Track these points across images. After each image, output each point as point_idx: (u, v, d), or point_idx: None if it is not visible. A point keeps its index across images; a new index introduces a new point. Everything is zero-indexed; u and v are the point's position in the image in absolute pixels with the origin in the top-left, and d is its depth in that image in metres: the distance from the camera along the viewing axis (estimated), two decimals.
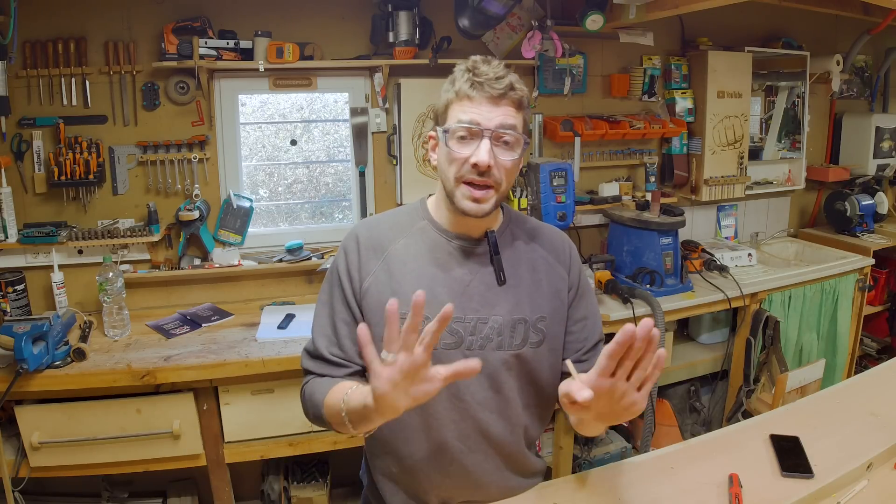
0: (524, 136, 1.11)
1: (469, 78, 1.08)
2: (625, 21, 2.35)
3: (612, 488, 1.17)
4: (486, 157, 1.05)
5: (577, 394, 0.86)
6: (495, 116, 1.07)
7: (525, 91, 1.11)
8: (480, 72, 1.07)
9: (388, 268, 1.16)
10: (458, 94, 1.09)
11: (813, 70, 3.12)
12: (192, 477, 2.39)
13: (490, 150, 1.06)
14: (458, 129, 1.08)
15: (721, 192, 2.95)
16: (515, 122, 1.09)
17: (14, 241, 2.16)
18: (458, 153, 1.08)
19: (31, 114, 2.19)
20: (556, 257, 1.23)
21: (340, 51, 2.45)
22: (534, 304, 1.17)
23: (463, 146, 1.08)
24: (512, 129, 1.08)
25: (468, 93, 1.07)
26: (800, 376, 2.37)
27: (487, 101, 1.07)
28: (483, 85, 1.06)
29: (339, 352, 1.17)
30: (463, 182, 1.09)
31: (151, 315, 2.31)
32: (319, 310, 1.22)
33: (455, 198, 1.10)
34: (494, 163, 1.07)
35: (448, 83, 1.12)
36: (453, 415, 1.15)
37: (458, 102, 1.09)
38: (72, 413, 1.88)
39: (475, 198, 1.08)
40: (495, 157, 1.07)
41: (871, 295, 3.13)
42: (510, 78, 1.08)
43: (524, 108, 1.12)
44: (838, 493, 1.14)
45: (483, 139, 1.06)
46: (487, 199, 1.09)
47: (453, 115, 1.09)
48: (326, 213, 2.74)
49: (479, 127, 1.06)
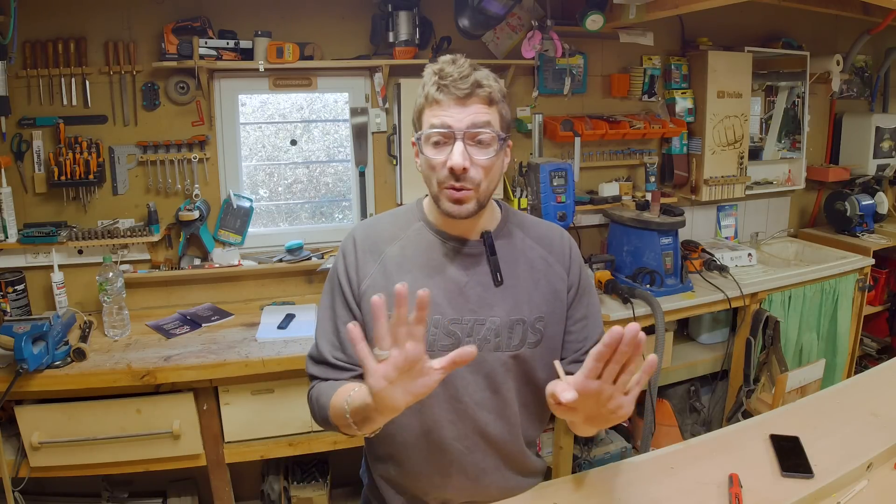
0: (500, 132, 1.09)
1: (435, 81, 1.07)
2: (625, 21, 2.35)
3: (611, 488, 1.17)
4: (459, 159, 1.04)
5: (562, 395, 0.85)
6: (465, 117, 1.05)
7: (495, 85, 1.09)
8: (445, 73, 1.06)
9: (385, 269, 1.16)
10: (426, 98, 1.08)
11: (813, 70, 3.12)
12: (192, 477, 2.39)
13: (463, 152, 1.05)
14: (432, 135, 1.07)
15: (721, 192, 2.95)
16: (488, 119, 1.07)
17: (14, 241, 2.16)
18: (434, 159, 1.07)
19: (31, 114, 2.19)
20: (555, 256, 1.22)
21: (340, 51, 2.45)
22: (532, 304, 1.16)
23: (438, 151, 1.07)
24: (485, 127, 1.06)
25: (436, 96, 1.06)
26: (800, 376, 2.37)
27: (455, 103, 1.05)
28: (448, 87, 1.05)
29: (342, 355, 1.16)
30: (444, 188, 1.08)
31: (151, 315, 2.31)
32: (322, 314, 1.22)
33: (440, 202, 1.10)
34: (471, 163, 1.05)
35: (420, 88, 1.11)
36: (451, 416, 1.15)
37: (428, 108, 1.08)
38: (72, 413, 1.88)
39: (455, 199, 1.08)
40: (471, 157, 1.06)
41: (871, 295, 3.13)
42: (476, 75, 1.06)
43: (496, 102, 1.09)
44: (838, 493, 1.14)
45: (456, 141, 1.05)
46: (468, 200, 1.08)
47: (426, 121, 1.09)
48: (326, 213, 2.74)
49: (450, 130, 1.05)
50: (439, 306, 1.13)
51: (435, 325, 1.12)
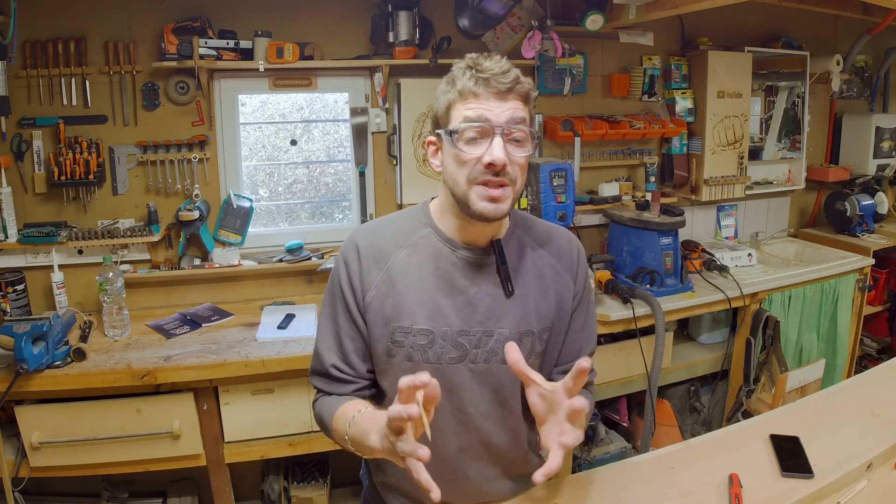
0: (534, 129, 1.06)
1: (473, 75, 1.02)
2: (625, 21, 2.35)
3: (612, 488, 1.17)
4: (501, 154, 0.99)
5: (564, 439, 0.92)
6: (504, 112, 1.01)
7: (531, 84, 1.06)
8: (484, 67, 1.01)
9: (391, 280, 1.11)
10: (461, 92, 1.02)
11: (813, 70, 3.11)
12: (192, 477, 2.39)
13: (503, 148, 1.00)
14: (468, 129, 1.01)
15: (721, 192, 2.95)
16: (524, 116, 1.03)
17: (14, 241, 2.16)
18: (468, 154, 1.02)
19: (31, 114, 2.19)
20: (564, 264, 1.19)
21: (340, 51, 2.45)
22: (540, 313, 1.14)
23: (473, 146, 1.02)
24: (522, 124, 1.02)
25: (473, 90, 1.01)
26: (800, 376, 2.37)
27: (495, 97, 1.01)
28: (489, 80, 1.00)
29: (346, 367, 1.14)
30: (477, 184, 1.02)
31: (151, 315, 2.31)
32: (323, 323, 1.18)
33: (469, 201, 1.03)
34: (509, 160, 1.01)
35: (446, 84, 1.07)
36: (456, 427, 1.14)
37: (461, 101, 1.03)
38: (72, 413, 1.88)
39: (492, 197, 1.02)
40: (508, 154, 1.01)
41: (871, 295, 3.13)
42: (515, 71, 1.03)
43: (530, 101, 1.07)
44: (838, 493, 1.14)
45: (495, 136, 1.00)
46: (504, 199, 1.03)
47: (457, 115, 1.03)
48: (326, 213, 2.74)
49: (489, 124, 1.00)
50: (447, 318, 1.10)
51: (443, 336, 1.10)
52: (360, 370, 1.15)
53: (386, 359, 1.12)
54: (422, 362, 1.10)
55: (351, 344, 1.14)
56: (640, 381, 2.46)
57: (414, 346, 1.10)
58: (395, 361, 1.11)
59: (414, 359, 1.10)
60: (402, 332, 1.10)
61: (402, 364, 1.11)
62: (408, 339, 1.10)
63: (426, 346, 1.10)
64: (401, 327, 1.10)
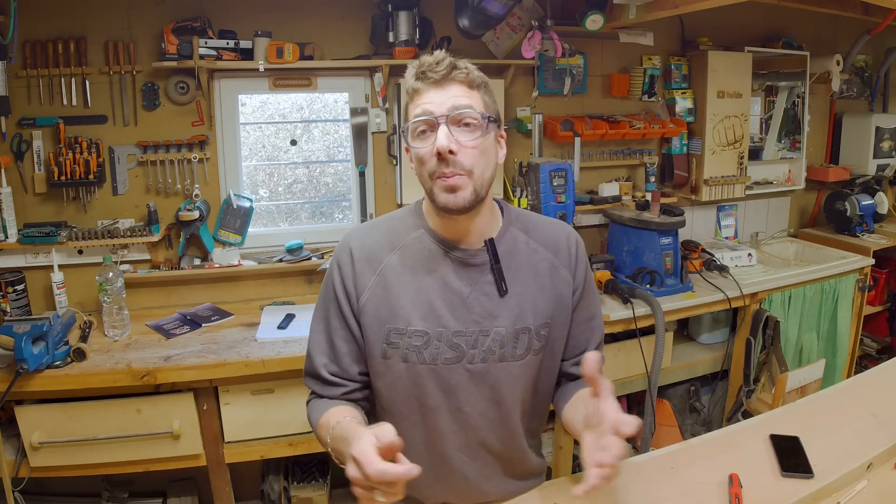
0: (486, 114, 1.05)
1: (413, 73, 1.06)
2: (625, 21, 2.35)
3: (612, 488, 1.16)
4: (444, 141, 1.00)
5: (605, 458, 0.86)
6: (446, 100, 1.02)
7: (474, 70, 1.07)
8: (421, 62, 1.05)
9: (385, 282, 1.12)
10: (408, 92, 1.07)
11: (813, 70, 3.12)
12: (192, 477, 2.39)
13: (448, 135, 1.01)
14: (416, 125, 1.04)
15: (721, 192, 2.95)
16: (469, 102, 1.04)
17: (14, 241, 2.16)
18: (421, 149, 1.04)
19: (31, 114, 2.19)
20: (561, 259, 1.19)
21: (340, 51, 2.45)
22: (536, 310, 1.14)
23: (423, 141, 1.04)
24: (467, 109, 1.02)
25: (415, 86, 1.05)
26: (800, 376, 2.36)
27: (434, 88, 1.04)
28: (426, 73, 1.04)
29: (337, 369, 1.15)
30: (436, 178, 1.04)
31: (151, 315, 2.31)
32: (315, 325, 1.18)
33: (434, 195, 1.05)
34: (458, 147, 1.01)
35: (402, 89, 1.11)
36: (454, 427, 1.14)
37: (411, 102, 1.07)
38: (72, 413, 1.88)
39: (448, 187, 1.02)
40: (458, 141, 1.02)
41: (871, 295, 3.13)
42: (452, 59, 1.04)
43: (478, 86, 1.07)
44: (838, 493, 1.13)
45: (439, 126, 1.01)
46: (462, 187, 1.03)
47: (410, 115, 1.07)
48: (326, 213, 2.73)
49: (432, 116, 1.02)
50: (442, 318, 1.10)
51: (438, 337, 1.10)
52: (351, 373, 1.15)
53: (381, 361, 1.12)
54: (417, 363, 1.10)
55: (343, 346, 1.14)
56: (640, 381, 2.46)
57: (409, 348, 1.10)
58: (390, 363, 1.12)
59: (409, 360, 1.11)
60: (398, 334, 1.10)
61: (397, 365, 1.11)
62: (403, 341, 1.10)
63: (421, 348, 1.10)
64: (396, 329, 1.10)
